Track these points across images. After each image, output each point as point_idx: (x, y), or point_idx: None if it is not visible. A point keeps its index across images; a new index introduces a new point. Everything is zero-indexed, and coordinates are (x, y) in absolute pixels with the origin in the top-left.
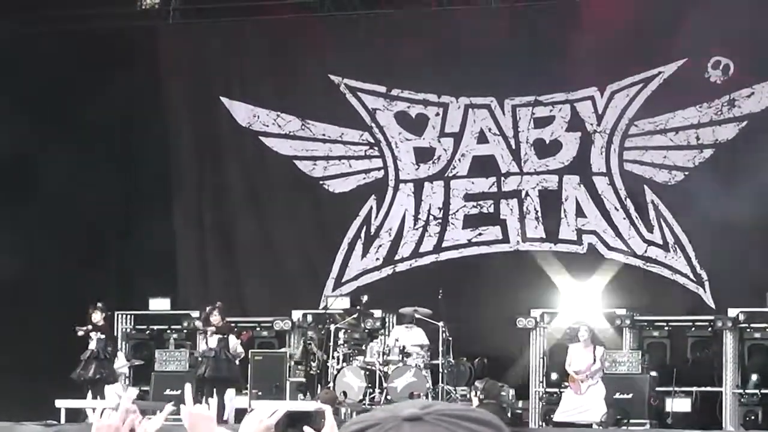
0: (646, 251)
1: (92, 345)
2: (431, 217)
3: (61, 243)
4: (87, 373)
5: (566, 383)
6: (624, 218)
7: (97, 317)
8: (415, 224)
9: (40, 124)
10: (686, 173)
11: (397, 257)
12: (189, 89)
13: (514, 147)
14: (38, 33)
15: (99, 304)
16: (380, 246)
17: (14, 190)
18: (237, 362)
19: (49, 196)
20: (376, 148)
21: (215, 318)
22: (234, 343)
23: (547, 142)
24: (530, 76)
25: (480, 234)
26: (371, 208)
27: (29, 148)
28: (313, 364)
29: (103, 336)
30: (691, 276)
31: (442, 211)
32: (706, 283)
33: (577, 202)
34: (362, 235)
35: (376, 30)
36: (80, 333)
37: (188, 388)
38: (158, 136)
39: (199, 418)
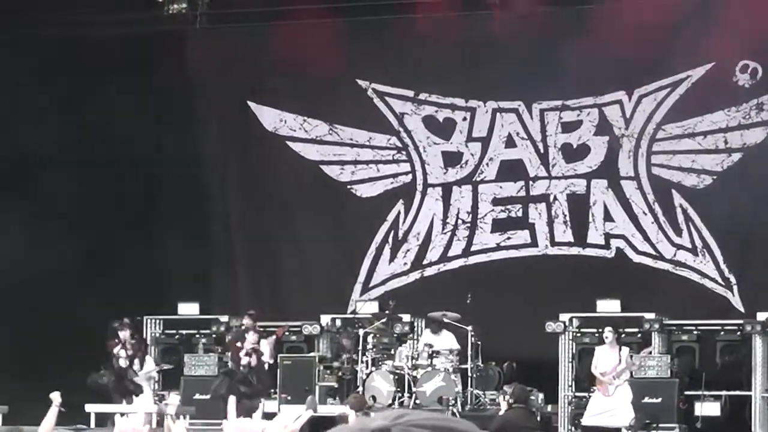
0: (675, 255)
1: (122, 362)
2: (460, 221)
3: (90, 246)
4: (106, 384)
5: (594, 386)
6: (652, 222)
7: (125, 335)
8: (443, 228)
9: (67, 127)
10: (714, 177)
11: (425, 262)
12: (216, 94)
13: (542, 151)
14: (64, 37)
15: (125, 320)
16: (408, 250)
17: (40, 193)
18: (266, 367)
19: (76, 199)
20: (404, 153)
21: (252, 337)
22: (266, 350)
23: (575, 146)
24: (558, 81)
25: (509, 238)
26: (399, 212)
27: (57, 150)
28: (347, 367)
29: (128, 360)
30: (719, 280)
31: (470, 215)
32: (735, 287)
33: (605, 207)
34: (390, 239)
35: (403, 34)
36: (114, 349)
37: (232, 401)
38: (185, 141)
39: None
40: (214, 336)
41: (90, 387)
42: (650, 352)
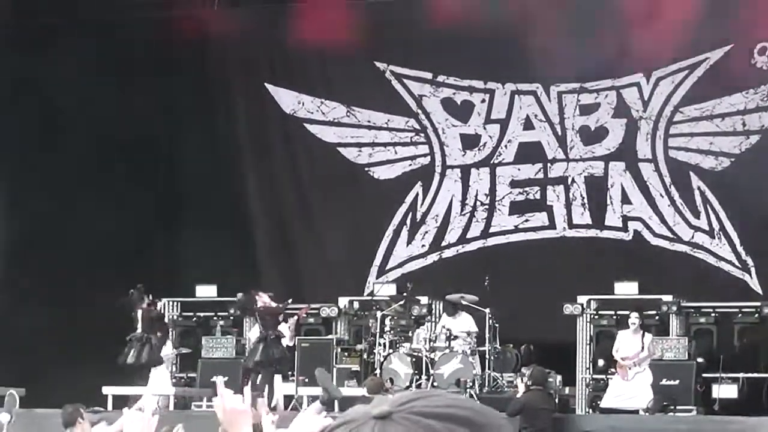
0: (692, 237)
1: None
2: (478, 203)
3: (109, 231)
4: (127, 357)
5: (613, 369)
6: (669, 205)
7: (142, 302)
8: (462, 210)
9: (82, 112)
10: (732, 159)
11: (443, 243)
12: (234, 76)
13: (560, 133)
14: (81, 22)
15: (139, 286)
16: (426, 232)
17: (59, 176)
18: (285, 346)
19: (98, 185)
20: (422, 135)
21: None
22: (287, 332)
23: (593, 128)
24: (576, 63)
25: (527, 220)
26: (417, 194)
27: (73, 134)
28: (369, 349)
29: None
30: (737, 262)
31: (488, 197)
32: (752, 269)
33: (623, 189)
34: (408, 221)
35: (422, 16)
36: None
37: (220, 381)
38: (204, 123)
39: (234, 412)
40: (231, 318)
41: (128, 367)
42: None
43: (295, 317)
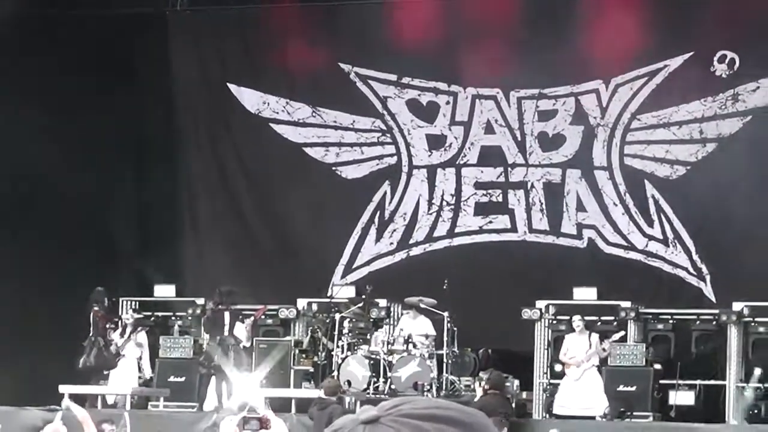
0: (647, 246)
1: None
2: (444, 203)
3: (68, 228)
4: (88, 360)
5: (565, 373)
6: (623, 213)
7: (102, 306)
8: (429, 209)
9: (45, 115)
10: (688, 167)
11: (411, 241)
12: (197, 76)
13: (519, 139)
14: (44, 18)
15: (98, 289)
16: (394, 230)
17: (23, 180)
18: (242, 347)
19: (54, 183)
20: (389, 135)
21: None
22: (241, 330)
23: (551, 135)
24: (536, 68)
25: (490, 222)
26: (385, 193)
27: (35, 140)
28: (321, 354)
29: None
30: (692, 270)
31: (454, 197)
32: (707, 277)
33: (578, 197)
34: (376, 220)
35: (386, 18)
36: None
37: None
38: (167, 124)
39: None
40: (189, 318)
41: (82, 370)
42: (621, 338)
43: (252, 318)
